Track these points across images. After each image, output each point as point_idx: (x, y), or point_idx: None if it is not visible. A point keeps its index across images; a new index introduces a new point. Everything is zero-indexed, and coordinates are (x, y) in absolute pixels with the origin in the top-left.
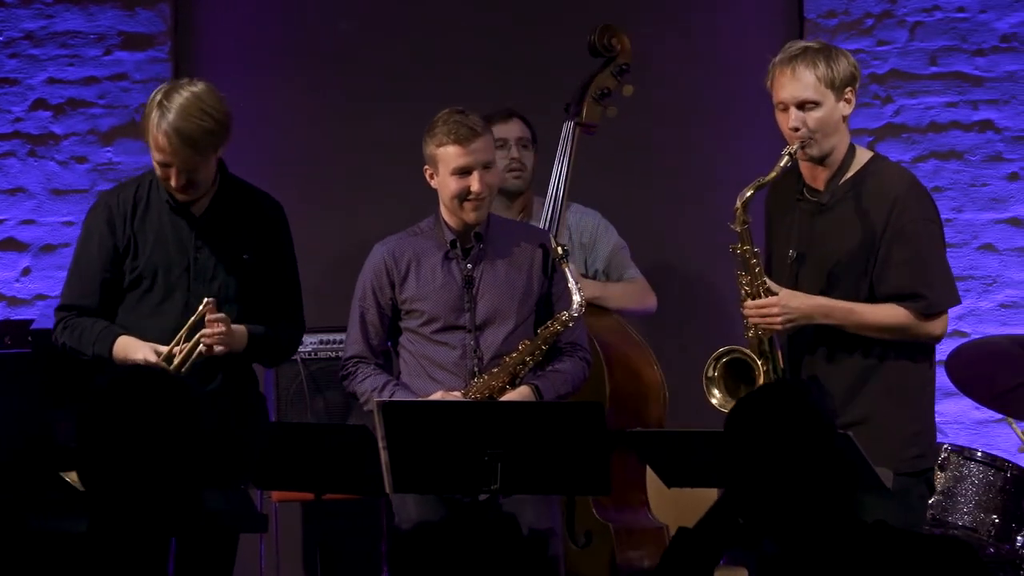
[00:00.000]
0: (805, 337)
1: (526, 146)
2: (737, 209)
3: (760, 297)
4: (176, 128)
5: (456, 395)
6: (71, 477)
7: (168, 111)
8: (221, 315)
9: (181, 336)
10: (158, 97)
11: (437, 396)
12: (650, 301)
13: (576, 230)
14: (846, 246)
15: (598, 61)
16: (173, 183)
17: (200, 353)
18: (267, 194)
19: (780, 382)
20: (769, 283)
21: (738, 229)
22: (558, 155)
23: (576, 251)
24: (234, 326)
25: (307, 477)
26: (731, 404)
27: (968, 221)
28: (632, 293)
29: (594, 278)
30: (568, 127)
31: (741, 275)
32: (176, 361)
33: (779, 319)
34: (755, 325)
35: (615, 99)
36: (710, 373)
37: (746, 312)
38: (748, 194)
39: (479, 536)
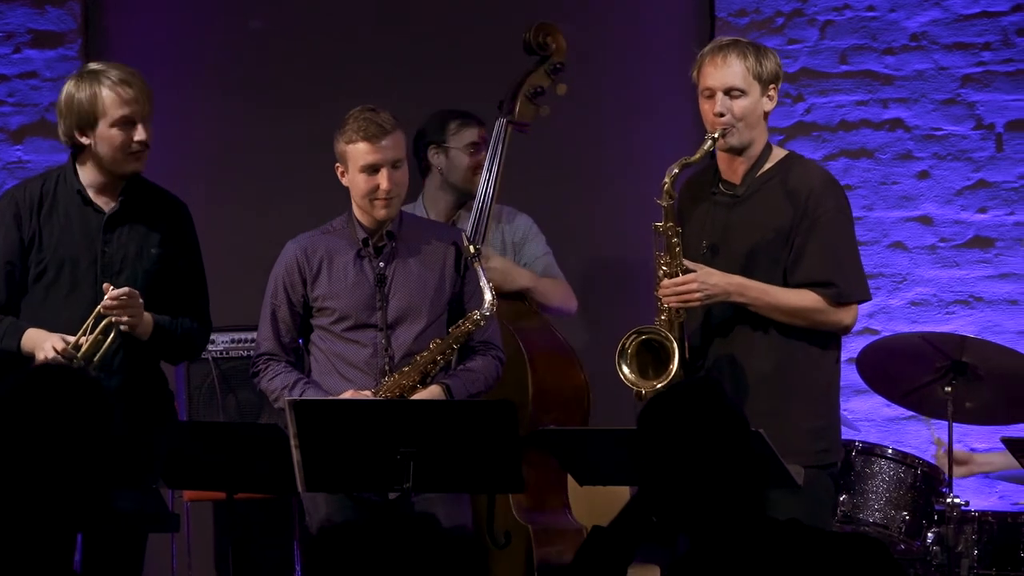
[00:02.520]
0: (716, 326)
1: (484, 146)
2: (665, 184)
3: (678, 277)
4: (131, 72)
5: (366, 394)
6: None
7: (108, 71)
8: (125, 288)
9: (87, 325)
10: (84, 72)
11: (347, 395)
12: (573, 303)
13: (509, 229)
14: (760, 237)
15: (532, 59)
16: (142, 135)
17: (108, 342)
18: (173, 195)
19: (693, 380)
20: (687, 263)
21: (664, 205)
22: (489, 153)
23: (508, 249)
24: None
25: (219, 476)
26: (639, 382)
27: (878, 219)
28: (560, 291)
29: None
30: (500, 125)
31: (660, 255)
32: (84, 350)
33: (698, 295)
34: (670, 305)
35: (549, 98)
36: (626, 347)
37: (662, 291)
38: (675, 171)
39: (392, 535)
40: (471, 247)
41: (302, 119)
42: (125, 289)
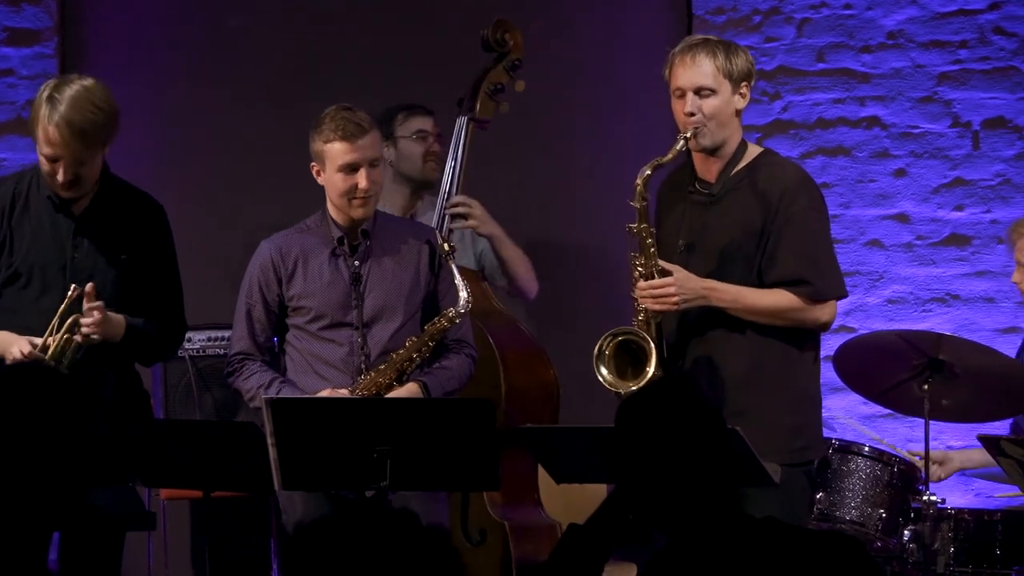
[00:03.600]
0: (693, 326)
1: (439, 139)
2: (637, 186)
3: (654, 278)
4: (68, 120)
5: (343, 392)
6: None
7: (59, 103)
8: (98, 303)
9: (53, 325)
10: (47, 91)
11: (324, 394)
12: (535, 284)
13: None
14: (736, 236)
15: (491, 56)
16: (60, 178)
17: (76, 341)
18: (148, 195)
19: (669, 378)
20: (663, 264)
21: (637, 206)
22: (451, 150)
23: (466, 238)
24: (112, 315)
25: (195, 475)
26: (617, 383)
27: (855, 217)
28: (527, 264)
29: (479, 264)
30: (461, 122)
31: (635, 256)
32: (51, 350)
33: (675, 298)
34: (647, 307)
35: (508, 94)
36: (603, 349)
37: (639, 293)
38: (647, 172)
39: (369, 533)
40: (445, 245)
41: (278, 117)
42: (99, 304)
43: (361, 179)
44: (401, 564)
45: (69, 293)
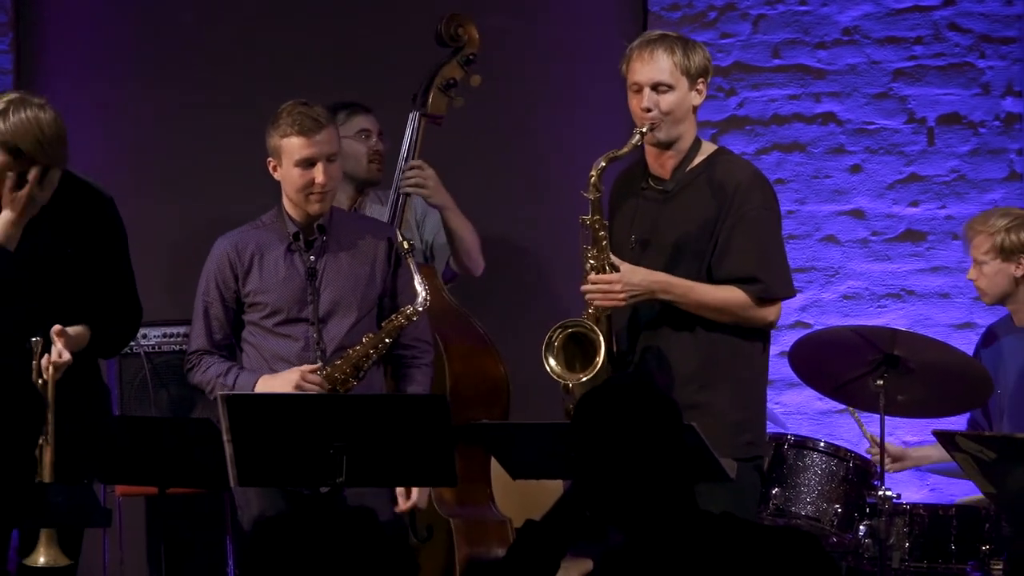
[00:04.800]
0: (644, 321)
1: (381, 137)
2: (592, 177)
3: (604, 271)
4: (22, 128)
5: (310, 368)
6: None
7: (7, 122)
8: (61, 348)
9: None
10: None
11: (294, 372)
12: (481, 260)
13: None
14: (688, 232)
15: (445, 51)
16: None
17: (45, 380)
18: (97, 187)
19: (627, 374)
20: (613, 258)
21: (591, 198)
22: (404, 146)
23: (411, 227)
24: (74, 332)
25: (151, 471)
26: (565, 375)
27: (810, 213)
28: (475, 239)
29: (425, 251)
30: (414, 118)
31: (587, 248)
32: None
33: (621, 295)
34: (595, 303)
35: (462, 89)
36: (552, 340)
37: (588, 288)
38: (602, 164)
39: (325, 529)
40: (405, 243)
41: (232, 114)
42: (65, 359)
43: (318, 174)
44: (357, 560)
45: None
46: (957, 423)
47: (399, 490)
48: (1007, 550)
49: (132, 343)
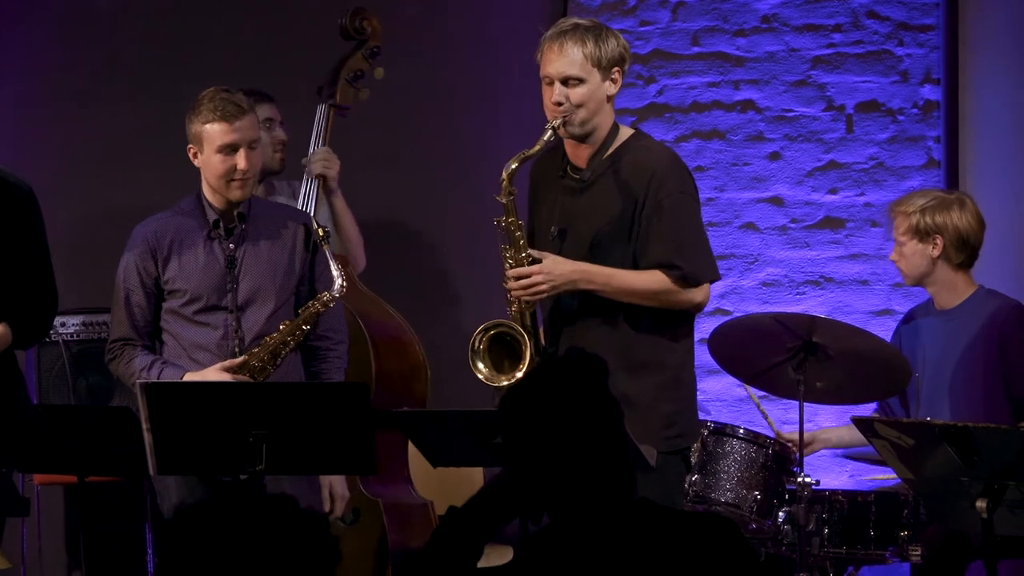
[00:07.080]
0: (566, 313)
1: (283, 126)
2: (503, 181)
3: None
4: None
5: (232, 364)
6: None
7: None
8: None
9: None
10: None
11: (216, 367)
12: (363, 257)
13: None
14: (607, 220)
15: (350, 44)
16: None
17: None
18: (14, 177)
19: (557, 360)
20: (533, 253)
21: (504, 201)
22: (313, 137)
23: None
24: None
25: (70, 459)
26: (496, 377)
27: (730, 200)
28: (358, 233)
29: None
30: (322, 109)
31: (505, 248)
32: None
33: (544, 287)
34: (519, 298)
35: (368, 81)
36: (476, 345)
37: (509, 285)
38: (513, 166)
39: (245, 517)
40: (320, 230)
41: (149, 101)
42: None
43: (240, 160)
44: (277, 548)
45: None
46: (874, 409)
47: (324, 495)
48: (923, 536)
49: (51, 331)
